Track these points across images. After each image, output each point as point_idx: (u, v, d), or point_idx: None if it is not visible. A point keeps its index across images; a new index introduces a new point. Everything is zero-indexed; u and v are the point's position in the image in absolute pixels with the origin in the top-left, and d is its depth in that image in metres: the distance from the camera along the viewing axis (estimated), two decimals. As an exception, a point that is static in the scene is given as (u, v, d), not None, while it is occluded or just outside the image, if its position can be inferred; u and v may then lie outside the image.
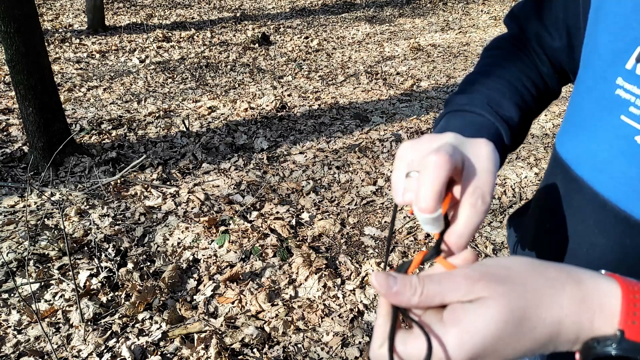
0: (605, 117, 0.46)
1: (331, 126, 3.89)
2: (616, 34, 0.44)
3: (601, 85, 0.46)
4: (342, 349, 1.82)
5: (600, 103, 0.47)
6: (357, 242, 2.47)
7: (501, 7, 8.51)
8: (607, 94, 0.45)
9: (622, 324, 0.32)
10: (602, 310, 0.33)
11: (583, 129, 0.50)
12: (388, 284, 0.35)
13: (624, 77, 0.43)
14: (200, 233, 2.49)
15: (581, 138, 0.51)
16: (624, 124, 0.43)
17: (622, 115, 0.43)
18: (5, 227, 2.51)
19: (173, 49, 6.17)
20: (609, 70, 0.45)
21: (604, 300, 0.34)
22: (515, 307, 0.33)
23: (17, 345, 1.84)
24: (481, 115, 0.58)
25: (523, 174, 3.11)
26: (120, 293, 2.10)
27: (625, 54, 0.43)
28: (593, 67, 0.48)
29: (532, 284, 0.34)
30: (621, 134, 0.44)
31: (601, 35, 0.47)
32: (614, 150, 0.45)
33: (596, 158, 0.48)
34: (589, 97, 0.49)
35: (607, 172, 0.46)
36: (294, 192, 2.94)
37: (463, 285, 0.34)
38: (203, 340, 1.84)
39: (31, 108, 2.94)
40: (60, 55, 5.73)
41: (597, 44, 0.47)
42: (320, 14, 8.48)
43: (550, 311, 0.33)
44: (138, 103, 4.36)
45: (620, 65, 0.43)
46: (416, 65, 5.50)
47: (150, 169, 3.14)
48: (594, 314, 0.33)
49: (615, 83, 0.44)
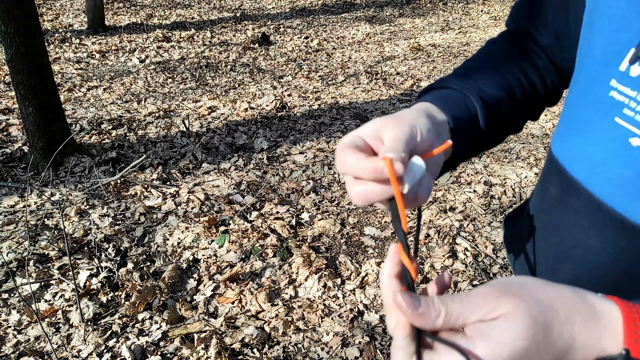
0: (600, 119, 0.46)
1: (331, 126, 3.89)
2: (609, 36, 0.44)
3: (595, 87, 0.46)
4: (342, 349, 1.82)
5: (594, 105, 0.47)
6: (357, 242, 2.47)
7: (501, 7, 8.51)
8: (601, 95, 0.45)
9: (626, 343, 0.34)
10: (609, 330, 0.34)
11: (578, 130, 0.50)
12: (414, 305, 0.35)
13: (617, 79, 0.43)
14: (200, 233, 2.49)
15: (576, 140, 0.51)
16: (618, 126, 0.43)
17: (616, 117, 0.43)
18: (5, 227, 2.51)
19: (173, 49, 6.17)
20: (603, 72, 0.45)
21: (608, 320, 0.35)
22: (539, 321, 0.34)
23: (17, 345, 1.84)
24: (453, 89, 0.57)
25: (523, 174, 3.11)
26: (120, 293, 2.10)
27: (618, 56, 0.43)
28: (587, 69, 0.49)
29: (547, 299, 0.35)
30: (615, 135, 0.44)
31: (595, 37, 0.47)
32: (609, 152, 0.45)
33: (591, 160, 0.48)
34: (584, 99, 0.49)
35: (602, 174, 0.46)
36: (294, 192, 2.94)
37: (485, 304, 0.35)
38: (203, 340, 1.84)
39: (31, 108, 2.94)
40: (60, 55, 5.73)
41: (591, 46, 0.47)
42: (320, 14, 8.48)
43: (566, 326, 0.34)
44: (138, 103, 4.36)
45: (614, 67, 0.44)
46: (416, 65, 5.50)
47: (150, 169, 3.14)
48: (601, 333, 0.34)
49: (609, 85, 0.44)
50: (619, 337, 0.34)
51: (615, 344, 0.34)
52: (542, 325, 0.34)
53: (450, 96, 0.56)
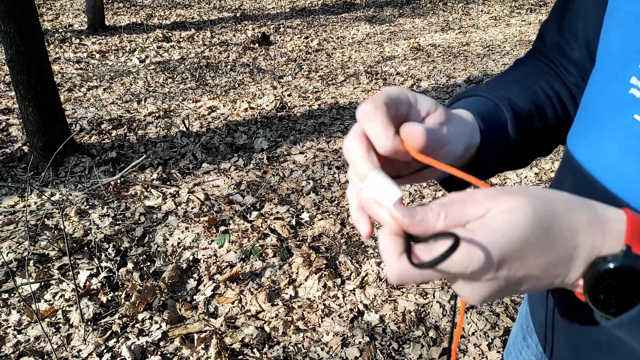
0: (618, 116, 0.46)
1: (331, 126, 3.89)
2: (628, 34, 0.44)
3: (613, 86, 0.47)
4: (342, 349, 1.82)
5: (612, 103, 0.47)
6: (357, 242, 2.47)
7: (501, 7, 8.51)
8: (620, 93, 0.46)
9: (628, 240, 0.34)
10: (613, 232, 0.35)
11: (595, 128, 0.50)
12: (410, 213, 0.34)
13: (638, 77, 0.43)
14: (200, 233, 2.49)
15: (592, 137, 0.51)
16: (637, 123, 0.44)
17: (635, 114, 0.44)
18: (5, 227, 2.51)
19: (173, 49, 6.17)
20: (622, 70, 0.45)
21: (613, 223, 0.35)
22: (540, 214, 0.33)
23: (17, 345, 1.84)
24: (483, 97, 0.57)
25: (523, 173, 3.11)
26: (120, 293, 2.10)
27: (638, 54, 0.43)
28: (605, 67, 0.49)
29: (550, 198, 0.35)
30: (633, 132, 0.44)
31: (613, 35, 0.47)
32: (625, 149, 0.45)
33: (607, 157, 0.48)
34: (601, 97, 0.49)
35: (618, 171, 0.47)
36: (294, 192, 2.94)
37: (487, 200, 0.34)
38: (203, 340, 1.84)
39: (31, 108, 2.94)
40: (60, 55, 5.73)
41: (609, 44, 0.48)
42: (320, 14, 8.48)
43: (569, 222, 0.34)
44: (138, 103, 4.36)
45: (633, 64, 0.44)
46: (416, 65, 5.50)
47: (150, 169, 3.14)
48: (605, 234, 0.35)
49: (629, 82, 0.44)
50: (622, 237, 0.34)
51: (618, 243, 0.34)
52: (543, 217, 0.33)
53: (480, 102, 0.55)
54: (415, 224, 0.34)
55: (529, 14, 7.81)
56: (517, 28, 7.01)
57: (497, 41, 6.39)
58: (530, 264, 0.34)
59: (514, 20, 7.50)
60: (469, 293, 0.35)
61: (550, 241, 0.34)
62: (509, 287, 0.35)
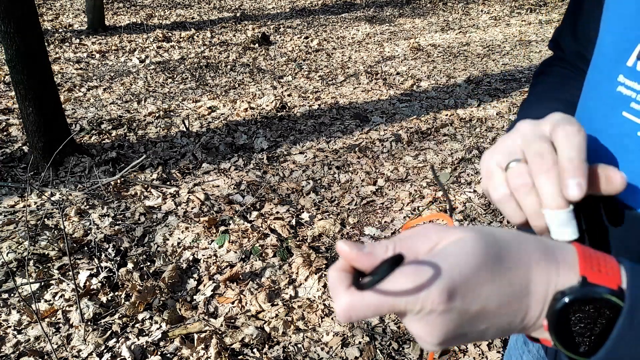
0: (609, 114, 0.47)
1: (331, 126, 3.89)
2: (620, 34, 0.46)
3: (604, 84, 0.48)
4: (342, 349, 1.82)
5: (603, 101, 0.48)
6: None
7: (501, 7, 8.51)
8: (609, 91, 0.47)
9: (582, 271, 0.34)
10: (565, 262, 0.35)
11: (588, 126, 0.51)
12: (357, 247, 0.34)
13: (625, 74, 0.45)
14: (200, 233, 2.49)
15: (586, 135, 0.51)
16: (627, 120, 0.45)
17: (624, 112, 0.45)
18: (5, 227, 2.51)
19: (173, 49, 6.17)
20: (612, 68, 0.46)
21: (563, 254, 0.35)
22: (490, 245, 0.34)
23: (17, 345, 1.84)
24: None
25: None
26: (120, 293, 2.10)
27: (627, 53, 0.44)
28: (598, 66, 0.50)
29: (500, 232, 0.36)
30: (624, 130, 0.45)
31: (606, 35, 0.48)
32: (618, 145, 0.46)
33: (601, 155, 0.48)
34: (593, 95, 0.51)
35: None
36: (294, 192, 2.94)
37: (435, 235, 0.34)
38: (203, 340, 1.84)
39: (31, 108, 2.94)
40: (60, 55, 5.73)
41: (602, 44, 0.49)
42: (320, 14, 8.48)
43: (520, 254, 0.34)
44: (138, 103, 4.36)
45: (622, 63, 0.45)
46: (416, 65, 5.50)
47: (150, 169, 3.14)
48: (559, 263, 0.34)
49: (617, 80, 0.46)
50: (576, 268, 0.34)
51: (572, 275, 0.34)
52: (493, 248, 0.33)
53: None
54: (362, 255, 0.34)
55: (529, 14, 7.81)
56: (517, 28, 7.01)
57: (497, 41, 6.39)
58: (484, 295, 0.32)
59: (514, 20, 7.50)
60: (424, 332, 0.33)
61: (502, 272, 0.33)
62: (467, 324, 0.33)
